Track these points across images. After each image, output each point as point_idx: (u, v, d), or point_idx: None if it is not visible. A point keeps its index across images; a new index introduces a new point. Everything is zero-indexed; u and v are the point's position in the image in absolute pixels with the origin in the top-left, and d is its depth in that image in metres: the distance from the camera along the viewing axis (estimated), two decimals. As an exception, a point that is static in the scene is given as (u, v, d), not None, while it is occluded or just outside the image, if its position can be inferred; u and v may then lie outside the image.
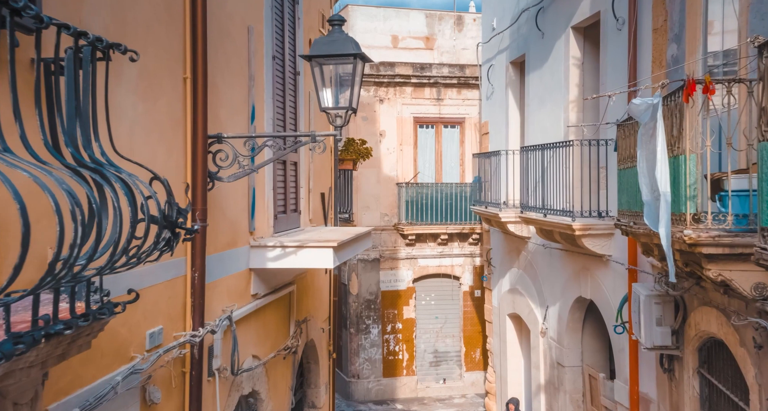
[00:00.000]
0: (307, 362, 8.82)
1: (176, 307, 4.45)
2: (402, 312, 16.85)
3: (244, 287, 5.86)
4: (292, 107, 7.44)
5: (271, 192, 6.55)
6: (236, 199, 5.66)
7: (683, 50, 6.64)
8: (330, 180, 9.55)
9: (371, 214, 16.58)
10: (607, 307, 9.01)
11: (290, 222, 7.31)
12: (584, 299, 9.89)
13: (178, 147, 4.50)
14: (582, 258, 9.61)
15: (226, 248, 5.40)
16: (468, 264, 17.16)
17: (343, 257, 6.45)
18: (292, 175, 7.46)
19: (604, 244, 8.78)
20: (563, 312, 10.42)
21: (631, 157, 6.36)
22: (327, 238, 6.42)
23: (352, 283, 16.57)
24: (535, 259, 11.57)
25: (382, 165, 16.63)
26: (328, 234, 7.06)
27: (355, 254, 7.32)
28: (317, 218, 8.69)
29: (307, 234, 7.06)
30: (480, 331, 17.12)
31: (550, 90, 10.73)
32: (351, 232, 7.15)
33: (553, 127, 10.58)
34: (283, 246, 5.97)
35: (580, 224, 8.59)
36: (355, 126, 16.29)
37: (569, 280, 10.16)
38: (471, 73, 16.88)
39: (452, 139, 17.30)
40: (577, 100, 10.02)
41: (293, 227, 7.42)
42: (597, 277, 9.23)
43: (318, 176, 8.78)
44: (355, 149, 11.32)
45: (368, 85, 16.50)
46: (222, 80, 5.35)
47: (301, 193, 7.76)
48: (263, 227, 6.33)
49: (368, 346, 16.56)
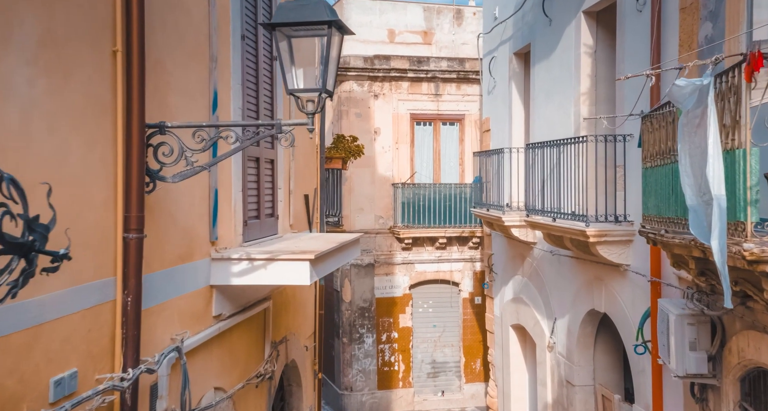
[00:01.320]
0: (288, 385, 7.86)
1: (100, 342, 3.49)
2: (398, 320, 15.89)
3: (203, 308, 4.91)
4: (268, 97, 6.49)
5: (240, 194, 5.60)
6: (192, 203, 4.71)
7: (721, 28, 5.69)
8: (315, 180, 8.60)
9: (365, 217, 15.63)
10: (624, 323, 8.06)
11: (265, 229, 6.36)
12: (597, 312, 8.95)
13: (104, 138, 3.55)
14: (595, 267, 8.67)
15: (177, 262, 4.45)
16: (468, 269, 16.21)
17: (323, 271, 5.50)
18: (267, 175, 6.51)
19: (622, 253, 7.84)
20: (573, 325, 9.47)
21: (661, 154, 5.42)
22: (304, 248, 5.47)
23: (345, 289, 15.62)
24: (542, 266, 10.62)
25: (377, 164, 15.68)
26: (308, 243, 6.11)
27: (340, 266, 6.37)
28: (300, 223, 7.75)
29: (283, 243, 6.11)
30: (480, 340, 16.18)
31: (559, 82, 9.80)
32: (335, 240, 6.20)
33: (562, 123, 9.65)
34: (250, 259, 5.01)
35: (594, 230, 7.65)
36: (348, 123, 15.34)
37: (580, 291, 9.22)
38: (471, 67, 15.93)
39: (451, 137, 16.35)
40: (588, 93, 9.08)
41: (269, 235, 6.47)
42: (612, 289, 8.29)
43: (301, 176, 7.83)
44: (346, 147, 10.36)
45: (362, 79, 15.56)
46: (172, 60, 4.40)
47: (280, 195, 6.81)
48: (229, 236, 5.37)
49: (362, 356, 15.61)
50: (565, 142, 8.26)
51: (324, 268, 5.56)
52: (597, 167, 7.84)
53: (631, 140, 7.70)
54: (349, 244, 6.73)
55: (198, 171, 3.86)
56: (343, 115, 15.53)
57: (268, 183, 6.52)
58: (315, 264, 5.15)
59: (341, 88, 15.61)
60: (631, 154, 7.70)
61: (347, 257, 6.76)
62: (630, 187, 7.74)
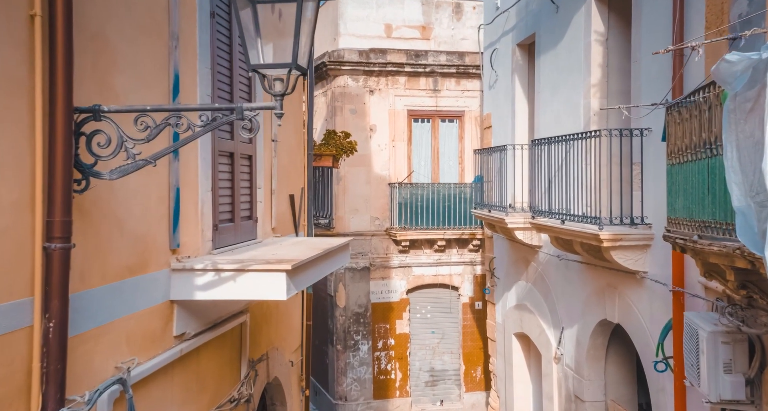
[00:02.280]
0: (271, 404, 7.15)
1: (12, 380, 2.78)
2: (394, 326, 15.17)
3: (162, 327, 4.19)
4: (245, 84, 5.78)
5: (209, 194, 4.89)
6: (146, 204, 4.00)
7: (760, 3, 4.98)
8: (303, 179, 7.89)
9: (360, 218, 14.91)
10: (640, 335, 7.35)
11: (242, 233, 5.64)
12: (609, 322, 8.24)
13: (17, 123, 2.84)
14: (607, 273, 7.96)
15: (125, 275, 3.73)
16: (468, 273, 15.49)
17: (303, 282, 4.78)
18: (245, 173, 5.80)
19: (638, 259, 7.13)
20: (582, 336, 8.76)
21: (692, 148, 4.70)
22: (282, 256, 4.76)
23: (339, 294, 14.91)
24: (548, 271, 9.91)
25: (373, 163, 14.96)
26: (289, 249, 5.40)
27: (328, 274, 5.66)
28: (284, 227, 7.04)
29: (261, 249, 5.40)
30: (481, 347, 15.46)
31: (567, 73, 9.09)
32: (319, 247, 5.48)
33: (570, 117, 8.94)
34: (216, 269, 4.30)
35: (609, 234, 6.94)
36: (342, 119, 14.62)
37: (590, 299, 8.51)
38: (471, 61, 15.22)
39: (450, 135, 15.63)
40: (599, 84, 8.37)
41: (247, 240, 5.76)
42: (627, 298, 7.58)
43: (285, 174, 7.12)
44: (337, 143, 9.62)
45: (357, 74, 14.84)
46: (119, 33, 3.69)
47: (259, 196, 6.10)
48: (195, 242, 4.66)
49: (357, 364, 14.89)
50: (576, 137, 7.55)
51: (305, 279, 4.85)
52: (611, 165, 7.13)
53: (649, 135, 7.00)
54: (338, 249, 6.02)
55: (141, 165, 3.15)
56: (337, 112, 14.81)
57: (245, 182, 5.81)
58: (293, 275, 4.44)
59: (335, 83, 14.90)
60: (650, 150, 7.00)
61: (336, 264, 6.05)
62: (648, 186, 7.04)
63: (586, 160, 7.55)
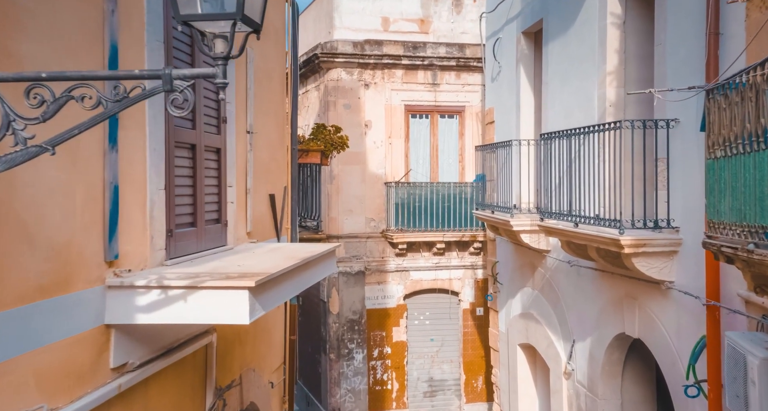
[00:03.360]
0: (248, 432, 6.32)
1: None
2: (391, 334, 14.34)
3: (93, 359, 3.37)
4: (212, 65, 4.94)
5: (161, 193, 4.06)
6: (69, 206, 3.17)
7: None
8: (285, 177, 7.06)
9: (354, 219, 14.08)
10: (665, 353, 6.53)
11: (207, 239, 4.82)
12: (627, 337, 7.43)
13: None
14: (626, 282, 7.14)
15: (36, 297, 2.91)
16: (468, 277, 14.66)
17: (274, 299, 3.96)
18: (212, 168, 4.98)
19: (664, 266, 6.31)
20: (597, 351, 7.94)
21: (747, 137, 3.88)
22: (248, 268, 3.93)
23: (332, 300, 14.08)
24: (557, 278, 9.09)
25: (368, 161, 14.13)
26: (261, 258, 4.58)
27: (306, 287, 4.84)
28: (262, 230, 6.21)
29: (229, 259, 4.58)
30: (483, 355, 14.64)
31: (579, 61, 8.27)
32: (297, 255, 4.66)
33: (582, 109, 8.12)
34: (163, 286, 3.48)
35: (631, 239, 6.11)
36: (335, 115, 13.79)
37: (606, 310, 7.68)
38: (472, 53, 14.39)
39: (450, 131, 14.79)
40: (616, 72, 7.54)
41: (214, 247, 4.93)
42: (649, 310, 6.76)
43: (264, 171, 6.30)
44: (327, 138, 8.76)
45: (351, 67, 14.01)
46: (27, -14, 2.87)
47: (230, 195, 5.27)
48: (141, 252, 3.84)
49: (351, 374, 14.06)
50: (593, 130, 6.72)
51: (277, 295, 4.02)
52: (634, 161, 6.30)
53: (676, 126, 6.18)
54: (322, 257, 5.20)
55: (35, 153, 2.32)
56: (330, 107, 13.98)
57: (212, 179, 4.98)
58: (260, 292, 3.61)
59: (328, 76, 14.07)
60: (677, 143, 6.18)
61: (319, 274, 5.23)
62: (675, 184, 6.22)
63: (603, 156, 6.74)
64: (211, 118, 4.92)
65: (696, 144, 5.81)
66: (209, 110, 4.89)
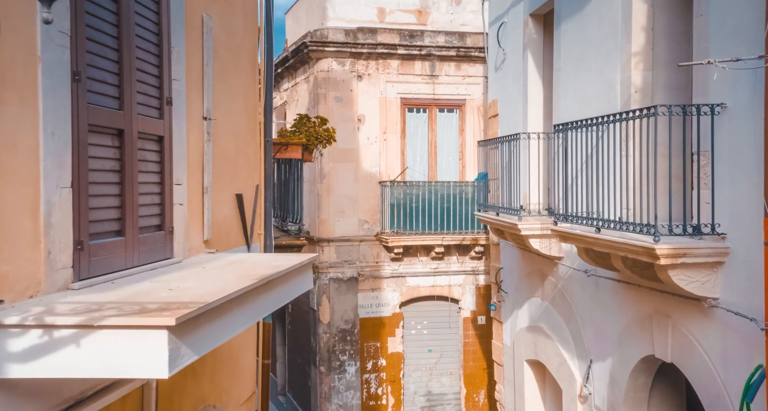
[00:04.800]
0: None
1: None
2: (386, 345, 13.30)
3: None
4: (149, 37, 3.92)
5: (65, 193, 3.03)
6: None
7: None
8: (258, 174, 6.03)
9: (347, 221, 13.05)
10: (706, 382, 5.51)
11: (143, 252, 3.78)
12: (656, 359, 6.41)
13: None
14: (656, 297, 6.12)
15: None
16: (469, 283, 13.63)
17: (214, 338, 2.93)
18: (151, 162, 3.94)
19: (706, 280, 5.28)
20: (619, 374, 6.92)
21: None
22: (177, 295, 2.91)
23: (323, 308, 13.04)
24: (571, 289, 8.07)
25: (361, 158, 13.10)
26: (212, 276, 3.56)
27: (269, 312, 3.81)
28: (227, 237, 5.18)
29: (168, 277, 3.55)
30: (485, 367, 13.62)
31: (598, 43, 7.25)
32: (256, 272, 3.63)
33: (602, 97, 7.10)
34: (43, 325, 2.44)
35: (669, 247, 5.09)
36: (326, 108, 12.75)
37: (631, 328, 6.66)
38: (473, 42, 13.36)
39: (450, 126, 13.75)
40: (643, 52, 6.52)
41: (153, 261, 3.90)
42: (686, 331, 5.74)
43: (230, 167, 5.28)
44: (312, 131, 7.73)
45: (343, 56, 12.97)
46: None
47: (178, 195, 4.24)
48: (30, 273, 2.81)
49: (343, 388, 13.02)
50: (620, 119, 5.69)
51: (222, 330, 2.99)
52: (672, 156, 5.27)
53: (723, 112, 5.16)
54: (293, 272, 4.18)
55: None
56: (320, 100, 12.95)
57: (151, 175, 3.95)
58: (189, 330, 2.59)
59: (317, 66, 13.04)
60: (723, 133, 5.16)
61: (289, 292, 4.21)
62: (721, 182, 5.20)
63: (630, 149, 5.73)
64: (149, 98, 3.89)
65: (750, 133, 4.80)
66: (146, 87, 3.86)
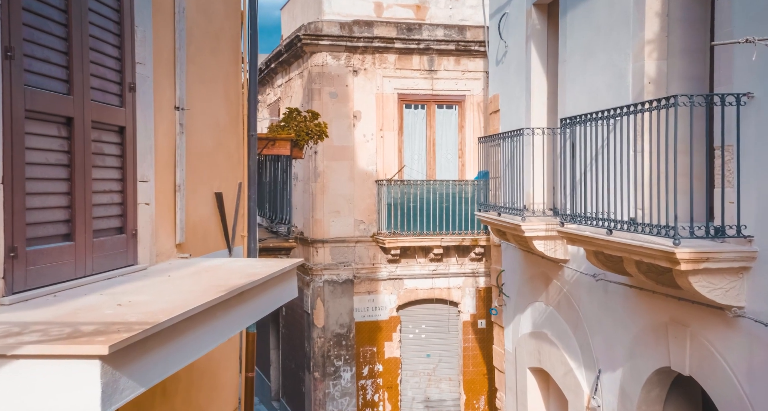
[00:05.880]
0: None
1: None
2: (383, 349, 12.84)
3: None
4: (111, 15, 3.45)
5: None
6: None
7: None
8: (241, 171, 5.55)
9: (342, 222, 12.58)
10: (730, 398, 5.04)
11: (98, 259, 3.31)
12: (671, 371, 5.94)
13: None
14: (671, 304, 5.66)
15: None
16: (469, 286, 13.16)
17: (168, 364, 2.45)
18: (110, 155, 3.47)
19: (731, 287, 4.82)
20: (630, 386, 6.45)
21: None
22: (124, 312, 2.43)
23: (317, 312, 12.57)
24: (577, 294, 7.60)
25: (357, 156, 12.63)
26: (167, 290, 3.08)
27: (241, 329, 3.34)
28: (204, 240, 4.71)
29: (119, 289, 3.08)
30: (485, 373, 13.16)
31: (607, 30, 6.78)
32: (228, 283, 3.16)
33: (612, 89, 6.64)
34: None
35: (691, 251, 4.62)
36: (320, 104, 12.28)
37: (644, 338, 6.20)
38: (473, 36, 12.89)
39: (449, 123, 13.28)
40: (658, 40, 6.05)
41: (113, 268, 3.42)
42: (706, 342, 5.27)
43: (208, 162, 4.80)
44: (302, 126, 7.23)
45: (338, 50, 12.49)
46: None
47: (143, 194, 3.77)
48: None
49: (338, 395, 12.55)
50: (634, 111, 5.22)
51: (175, 356, 2.51)
52: (693, 151, 4.80)
53: (750, 103, 4.69)
54: (272, 281, 3.71)
55: None
56: (315, 95, 12.47)
57: (110, 170, 3.47)
58: (131, 358, 2.11)
59: (311, 61, 12.56)
60: (750, 126, 4.69)
61: (267, 304, 3.74)
62: (747, 180, 4.73)
63: (644, 144, 5.27)
64: (106, 82, 3.41)
65: (782, 125, 4.33)
66: (104, 70, 3.38)
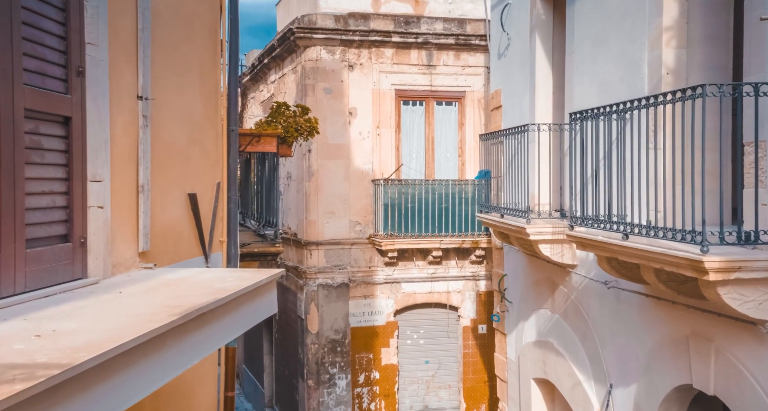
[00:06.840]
0: None
1: None
2: (379, 356, 12.33)
3: None
4: None
5: None
6: None
7: None
8: (219, 169, 5.04)
9: (337, 223, 12.07)
10: (761, 423, 4.54)
11: (35, 273, 2.80)
12: (692, 389, 5.43)
13: None
14: (693, 315, 5.15)
15: None
16: (469, 290, 12.66)
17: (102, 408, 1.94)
18: (54, 149, 2.97)
19: (764, 299, 4.31)
20: (646, 403, 5.94)
21: None
22: (37, 348, 1.91)
23: (311, 317, 12.06)
24: (586, 302, 7.10)
25: (353, 155, 12.12)
26: (111, 313, 2.58)
27: (201, 357, 2.82)
28: (174, 247, 4.19)
29: (51, 312, 2.57)
30: (486, 380, 12.66)
31: (620, 17, 6.28)
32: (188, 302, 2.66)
33: (626, 80, 6.13)
34: None
35: (721, 259, 4.12)
36: (314, 101, 11.76)
37: (662, 351, 5.69)
38: (474, 30, 12.38)
39: (448, 120, 12.77)
40: (676, 26, 5.54)
41: (55, 284, 2.92)
42: (734, 358, 4.77)
43: (179, 159, 4.29)
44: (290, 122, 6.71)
45: (333, 44, 11.98)
46: None
47: (94, 195, 3.25)
48: None
49: (333, 404, 12.04)
50: (655, 103, 4.71)
51: (106, 401, 2.00)
52: (722, 147, 4.29)
53: (787, 93, 4.18)
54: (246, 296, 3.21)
55: None
56: (308, 91, 11.96)
57: (51, 168, 2.97)
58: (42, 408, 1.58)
59: (305, 56, 12.05)
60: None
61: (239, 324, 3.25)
62: (784, 179, 4.23)
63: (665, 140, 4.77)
64: (46, 65, 2.91)
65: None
66: (43, 50, 2.88)
